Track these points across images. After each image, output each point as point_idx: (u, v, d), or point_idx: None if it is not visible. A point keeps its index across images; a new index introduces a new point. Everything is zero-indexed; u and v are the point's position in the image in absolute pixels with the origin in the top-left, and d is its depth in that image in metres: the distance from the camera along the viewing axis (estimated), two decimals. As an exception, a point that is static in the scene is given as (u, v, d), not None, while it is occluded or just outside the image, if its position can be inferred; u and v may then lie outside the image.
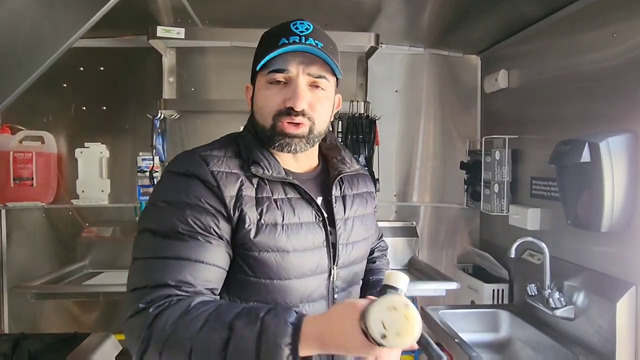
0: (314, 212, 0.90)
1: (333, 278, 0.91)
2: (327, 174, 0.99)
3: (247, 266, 0.84)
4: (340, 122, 2.17)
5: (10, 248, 2.12)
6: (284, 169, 0.90)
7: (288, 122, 0.86)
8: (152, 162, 2.04)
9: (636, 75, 1.26)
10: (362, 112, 2.15)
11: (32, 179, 2.01)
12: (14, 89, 1.25)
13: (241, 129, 0.97)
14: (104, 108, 2.18)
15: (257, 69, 0.87)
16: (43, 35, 1.29)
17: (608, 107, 1.37)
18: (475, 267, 2.24)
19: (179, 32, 1.89)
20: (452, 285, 1.83)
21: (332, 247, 0.91)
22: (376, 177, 2.18)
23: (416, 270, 2.16)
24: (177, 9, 1.83)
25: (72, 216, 2.14)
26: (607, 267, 1.36)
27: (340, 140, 2.17)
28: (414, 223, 2.31)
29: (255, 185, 0.86)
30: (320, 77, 0.87)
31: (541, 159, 1.68)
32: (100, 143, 2.15)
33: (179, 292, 0.76)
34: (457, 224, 2.33)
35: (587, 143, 1.28)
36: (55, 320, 2.15)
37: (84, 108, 2.17)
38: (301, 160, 0.94)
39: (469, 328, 1.74)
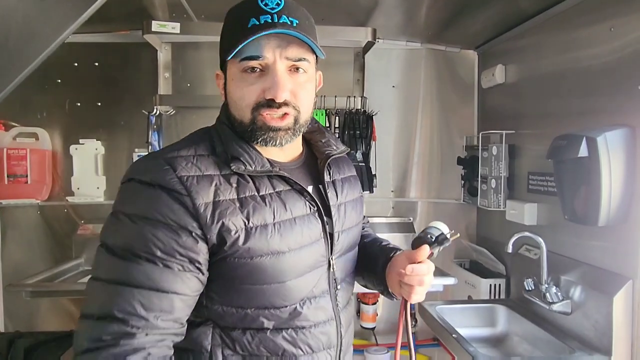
0: (307, 203, 0.83)
1: (332, 269, 0.86)
2: (313, 160, 0.92)
3: (239, 274, 0.77)
4: (337, 117, 2.16)
5: (4, 246, 2.10)
6: (267, 160, 0.81)
7: (270, 115, 0.77)
8: (147, 158, 2.03)
9: (633, 70, 1.25)
10: (359, 107, 2.14)
11: (27, 176, 1.99)
12: (7, 85, 1.24)
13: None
14: (99, 104, 2.16)
15: (227, 58, 0.77)
16: (35, 29, 1.27)
17: (605, 102, 1.37)
18: (473, 262, 2.24)
19: (174, 27, 1.87)
20: (450, 281, 1.84)
21: (329, 237, 0.85)
22: (373, 173, 2.17)
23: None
24: (172, 4, 1.81)
25: (68, 213, 2.12)
26: (603, 262, 1.37)
27: (337, 136, 2.17)
28: (411, 219, 2.31)
29: (235, 185, 0.77)
30: (300, 59, 0.78)
31: (538, 154, 1.68)
32: (95, 139, 2.13)
33: (126, 329, 0.67)
34: (454, 220, 2.33)
35: (584, 138, 1.28)
36: (51, 319, 2.13)
37: (79, 104, 2.15)
38: (286, 149, 0.86)
39: (466, 323, 1.74)
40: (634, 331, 1.27)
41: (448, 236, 0.88)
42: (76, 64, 2.14)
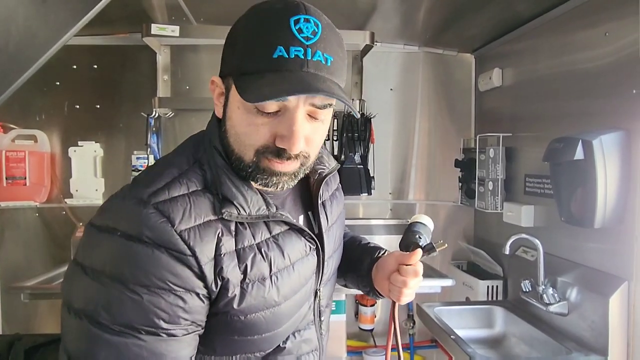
0: (306, 243, 0.75)
1: (319, 299, 0.81)
2: (305, 179, 0.81)
3: (231, 330, 0.70)
4: (335, 120, 2.17)
5: (3, 248, 2.09)
6: (261, 193, 0.70)
7: (276, 161, 0.66)
8: (146, 160, 2.03)
9: (628, 73, 1.27)
10: (358, 110, 2.15)
11: (25, 178, 1.99)
12: (7, 88, 1.24)
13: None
14: (98, 106, 2.16)
15: (240, 92, 0.62)
16: (36, 33, 1.28)
17: (601, 105, 1.39)
18: (470, 264, 2.25)
19: (173, 30, 1.88)
20: (447, 282, 1.85)
21: (321, 270, 0.79)
22: (372, 175, 2.18)
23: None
24: (171, 7, 1.82)
25: (66, 215, 2.12)
26: (599, 263, 1.38)
27: (335, 138, 2.18)
28: (409, 221, 2.32)
29: (234, 233, 0.67)
30: (325, 107, 0.65)
31: (535, 157, 1.70)
32: (94, 142, 2.13)
33: None
34: (452, 221, 2.34)
35: (580, 141, 1.30)
36: (49, 321, 2.13)
37: (78, 106, 2.15)
38: None
39: (464, 324, 1.75)
40: (629, 332, 1.29)
41: (436, 247, 0.89)
42: (75, 67, 2.14)
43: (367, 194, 2.15)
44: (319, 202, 0.82)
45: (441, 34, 2.10)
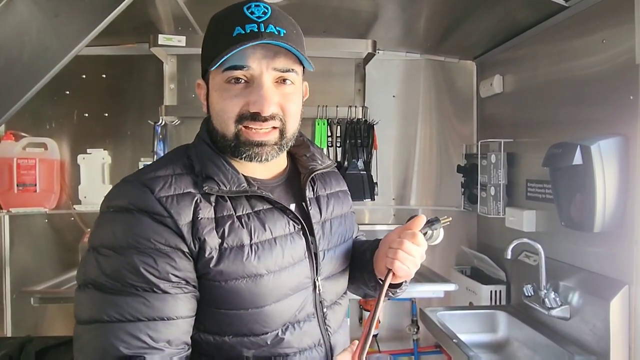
0: (289, 221, 0.78)
1: (319, 291, 0.81)
2: (298, 175, 0.88)
3: (214, 298, 0.72)
4: (339, 127, 2.21)
5: (13, 253, 2.14)
6: (245, 177, 0.77)
7: (255, 130, 0.73)
8: (153, 167, 2.07)
9: (625, 80, 1.29)
10: (361, 117, 2.18)
11: (35, 185, 2.04)
12: (21, 97, 1.29)
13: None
14: (106, 115, 2.21)
15: (210, 67, 0.73)
16: (48, 44, 1.32)
17: (599, 111, 1.40)
18: (473, 268, 2.26)
19: (180, 40, 1.93)
20: (450, 287, 1.86)
21: (314, 257, 0.81)
22: (375, 181, 2.21)
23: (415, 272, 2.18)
24: (178, 18, 1.86)
25: (75, 221, 2.16)
26: (600, 267, 1.39)
27: (338, 145, 2.21)
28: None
29: (213, 204, 0.73)
30: (287, 70, 0.74)
31: (536, 162, 1.71)
32: (102, 149, 2.18)
33: None
34: (455, 227, 2.35)
35: (578, 146, 1.31)
36: (58, 325, 2.16)
37: (86, 115, 2.20)
38: (269, 165, 0.81)
39: (467, 329, 1.76)
40: (630, 335, 1.29)
41: (440, 219, 0.90)
42: (84, 76, 2.20)
43: (370, 199, 2.17)
44: (312, 195, 0.86)
45: (442, 41, 2.14)
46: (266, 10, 0.73)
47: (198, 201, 0.71)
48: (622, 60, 1.31)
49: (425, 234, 0.87)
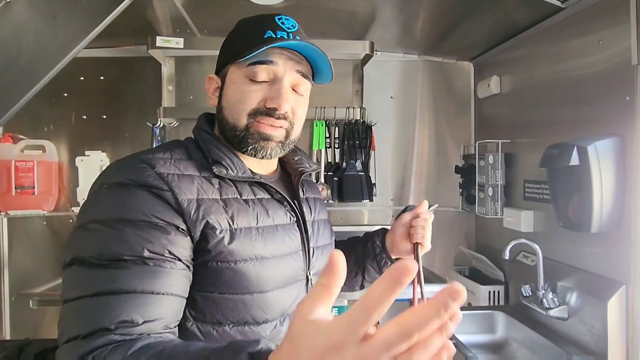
0: (287, 213, 0.83)
1: (311, 284, 0.85)
2: (288, 177, 0.94)
3: (220, 281, 0.71)
4: (337, 128, 2.21)
5: (11, 256, 2.13)
6: (249, 168, 0.81)
7: (266, 123, 0.77)
8: (151, 169, 2.07)
9: (621, 80, 1.30)
10: (359, 118, 2.19)
11: (34, 187, 2.03)
12: (18, 100, 1.29)
13: None
14: (104, 117, 2.21)
15: (237, 60, 0.76)
16: (46, 46, 1.33)
17: (595, 111, 1.41)
18: (472, 269, 2.27)
19: (178, 42, 1.93)
20: (449, 288, 1.86)
21: (307, 251, 0.85)
22: (373, 182, 2.21)
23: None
24: (176, 20, 1.87)
25: (73, 224, 2.15)
26: (598, 267, 1.40)
27: (336, 146, 2.22)
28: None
29: (217, 186, 0.74)
30: (306, 77, 0.81)
31: (533, 163, 1.72)
32: (100, 151, 2.18)
33: (119, 338, 0.58)
34: (453, 227, 2.36)
35: (575, 147, 1.32)
36: (56, 328, 2.16)
37: (85, 117, 2.20)
38: (264, 163, 0.86)
39: (465, 329, 1.77)
40: (628, 335, 1.30)
41: (431, 204, 1.03)
42: (82, 78, 2.19)
43: (369, 200, 2.18)
44: (302, 196, 0.92)
45: (440, 42, 2.14)
46: (295, 25, 0.80)
47: (200, 182, 0.72)
48: (618, 61, 1.31)
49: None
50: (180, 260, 0.67)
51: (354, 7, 1.76)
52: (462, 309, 1.95)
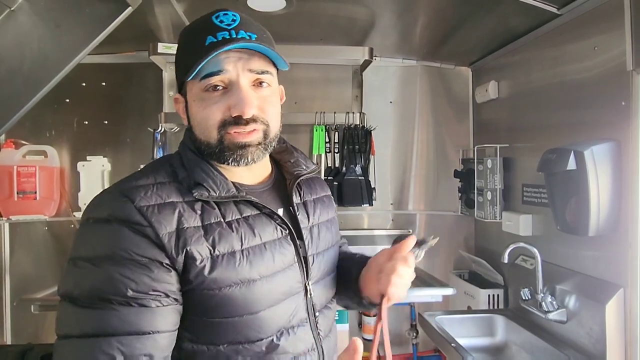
0: (277, 227, 0.78)
1: (310, 295, 0.81)
2: (283, 181, 0.89)
3: (208, 307, 0.71)
4: (336, 132, 2.23)
5: (13, 260, 2.14)
6: (234, 183, 0.77)
7: (237, 132, 0.73)
8: (153, 174, 2.09)
9: (616, 85, 1.31)
10: (358, 122, 2.21)
11: (35, 192, 2.05)
12: (22, 107, 1.30)
13: None
14: (106, 122, 2.23)
15: (187, 78, 0.73)
16: (49, 54, 1.34)
17: (592, 116, 1.43)
18: (471, 273, 2.28)
19: (179, 49, 1.95)
20: (448, 291, 1.87)
21: (303, 261, 0.81)
22: (373, 186, 2.22)
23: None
24: (177, 26, 1.89)
25: (74, 229, 2.17)
26: (595, 271, 1.41)
27: (336, 150, 2.23)
28: (410, 231, 2.35)
29: (199, 212, 0.72)
30: (263, 72, 0.75)
31: (531, 167, 1.73)
32: (102, 156, 2.19)
33: None
34: (453, 231, 2.37)
35: (572, 152, 1.33)
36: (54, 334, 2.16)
37: (86, 122, 2.22)
38: (254, 170, 0.82)
39: (465, 333, 1.77)
40: (626, 338, 1.31)
41: (427, 240, 0.88)
42: (84, 84, 2.21)
43: (368, 204, 2.19)
44: (299, 200, 0.87)
45: (438, 48, 2.16)
46: (235, 18, 0.75)
47: (181, 210, 0.70)
48: (614, 67, 1.33)
49: (414, 254, 0.86)
50: (166, 295, 0.68)
51: (354, 14, 1.78)
52: (463, 312, 1.97)
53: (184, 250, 0.68)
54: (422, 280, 2.08)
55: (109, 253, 0.66)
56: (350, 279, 0.92)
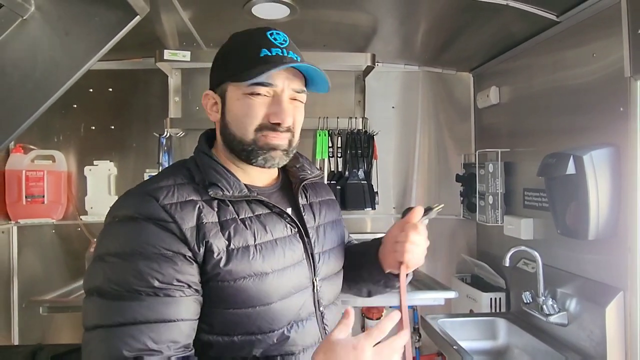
0: (287, 225, 0.85)
1: (316, 290, 0.87)
2: (289, 184, 0.95)
3: (223, 298, 0.76)
4: (339, 137, 2.26)
5: (21, 263, 2.17)
6: (245, 185, 0.83)
7: (273, 136, 0.82)
8: (158, 178, 2.12)
9: (614, 91, 1.33)
10: (361, 127, 2.23)
11: (43, 196, 2.08)
12: (33, 113, 1.34)
13: None
14: (112, 127, 2.26)
15: (238, 81, 0.80)
16: (59, 61, 1.38)
17: (591, 122, 1.45)
18: (474, 276, 2.29)
19: (184, 55, 1.99)
20: (451, 295, 1.88)
21: (311, 259, 0.87)
22: (375, 191, 2.25)
23: (416, 280, 2.20)
24: (183, 33, 1.92)
25: (81, 232, 2.20)
26: (596, 274, 1.42)
27: (339, 155, 2.26)
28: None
29: (216, 209, 0.78)
30: (301, 91, 0.85)
31: (532, 171, 1.74)
32: (108, 161, 2.23)
33: None
34: (455, 235, 2.39)
35: (572, 156, 1.35)
36: (65, 334, 2.19)
37: (93, 128, 2.26)
38: (265, 173, 0.89)
39: (467, 336, 1.79)
40: (627, 340, 1.32)
41: (433, 207, 0.96)
42: (91, 90, 2.25)
43: (371, 208, 2.21)
44: (305, 202, 0.94)
45: (440, 54, 2.19)
46: (285, 39, 0.84)
47: (201, 207, 0.77)
48: (612, 73, 1.35)
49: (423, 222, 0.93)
50: (189, 286, 0.73)
51: (356, 21, 1.81)
52: (465, 315, 1.98)
53: (204, 244, 0.74)
54: (424, 283, 2.10)
55: (137, 248, 0.71)
56: (371, 259, 0.98)
